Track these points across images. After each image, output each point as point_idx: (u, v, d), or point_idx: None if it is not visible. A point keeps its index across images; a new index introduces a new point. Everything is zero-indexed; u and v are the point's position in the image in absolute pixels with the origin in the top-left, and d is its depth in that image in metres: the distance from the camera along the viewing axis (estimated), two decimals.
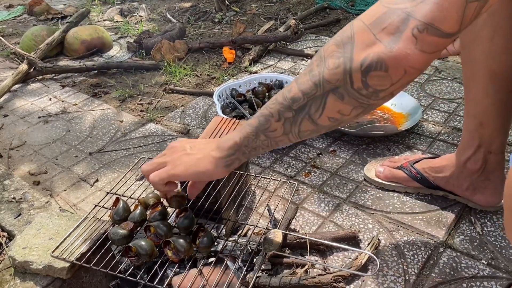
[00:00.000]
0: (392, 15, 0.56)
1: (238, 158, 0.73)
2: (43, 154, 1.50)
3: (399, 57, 0.55)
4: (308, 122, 0.64)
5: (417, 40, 0.54)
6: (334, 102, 0.61)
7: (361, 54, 0.56)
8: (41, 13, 2.98)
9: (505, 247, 1.03)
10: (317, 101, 0.62)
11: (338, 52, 0.58)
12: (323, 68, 0.60)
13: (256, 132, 0.69)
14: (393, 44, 0.55)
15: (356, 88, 0.58)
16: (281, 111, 0.65)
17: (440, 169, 1.13)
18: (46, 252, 0.85)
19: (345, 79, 0.58)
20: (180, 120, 1.65)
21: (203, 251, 0.83)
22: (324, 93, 0.60)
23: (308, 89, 0.61)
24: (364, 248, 1.04)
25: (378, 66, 0.56)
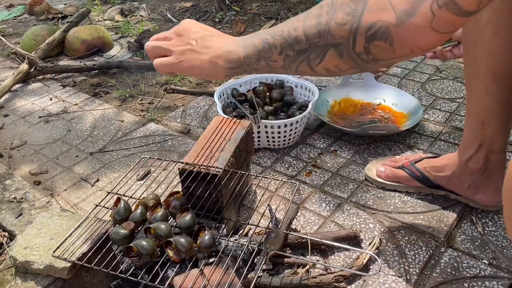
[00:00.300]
0: None
1: (240, 72, 0.73)
2: (44, 154, 1.50)
3: (408, 35, 0.51)
4: (306, 66, 0.64)
5: (434, 17, 0.50)
6: (333, 57, 0.59)
7: (369, 18, 0.53)
8: (41, 13, 2.98)
9: (506, 247, 1.02)
10: (317, 51, 0.60)
11: (349, 6, 0.55)
12: (331, 20, 0.57)
13: (258, 56, 0.68)
14: (406, 17, 0.50)
15: (357, 51, 0.56)
16: (283, 46, 0.64)
17: (441, 169, 1.13)
18: (47, 252, 0.85)
19: (348, 39, 0.56)
20: (181, 119, 1.65)
21: (204, 251, 0.83)
22: (325, 45, 0.59)
23: (312, 35, 0.60)
24: (365, 248, 1.04)
25: (384, 37, 0.52)
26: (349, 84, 1.62)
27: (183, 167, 1.00)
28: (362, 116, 1.55)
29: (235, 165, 1.05)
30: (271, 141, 1.39)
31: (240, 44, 0.71)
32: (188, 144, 1.50)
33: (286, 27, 0.64)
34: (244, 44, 0.70)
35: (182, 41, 0.75)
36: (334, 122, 1.50)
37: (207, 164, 1.00)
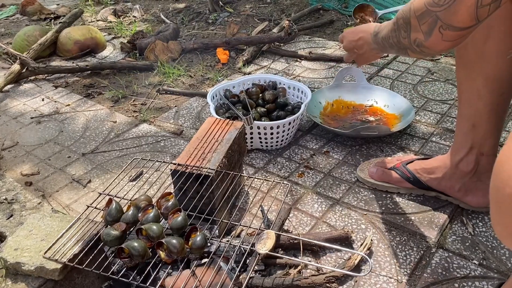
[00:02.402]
0: (428, 15, 0.80)
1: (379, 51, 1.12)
2: (36, 154, 1.49)
3: (432, 45, 0.83)
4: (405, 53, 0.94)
5: (442, 35, 0.80)
6: (410, 53, 0.91)
7: (413, 36, 0.85)
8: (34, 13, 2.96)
9: (496, 247, 1.03)
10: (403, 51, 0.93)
11: (404, 27, 0.87)
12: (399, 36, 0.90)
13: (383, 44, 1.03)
14: (428, 36, 0.82)
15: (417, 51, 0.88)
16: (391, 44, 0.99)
17: (433, 170, 1.14)
18: (38, 253, 0.84)
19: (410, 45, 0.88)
20: (173, 120, 1.65)
21: (195, 252, 0.83)
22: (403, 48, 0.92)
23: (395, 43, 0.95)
24: (357, 248, 1.04)
25: (421, 45, 0.85)
26: (342, 86, 1.63)
27: (175, 168, 1.00)
28: (354, 117, 1.56)
29: (227, 166, 1.05)
30: (263, 142, 1.39)
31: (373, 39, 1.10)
32: (180, 145, 1.50)
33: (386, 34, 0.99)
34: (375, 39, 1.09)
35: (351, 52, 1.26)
36: (326, 123, 1.51)
37: (200, 165, 1.00)
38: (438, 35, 0.80)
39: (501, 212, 0.55)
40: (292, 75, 1.94)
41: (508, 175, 0.52)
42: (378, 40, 1.04)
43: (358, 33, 1.18)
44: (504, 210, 0.54)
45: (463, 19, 0.76)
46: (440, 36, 0.80)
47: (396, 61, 2.00)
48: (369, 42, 1.12)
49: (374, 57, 1.26)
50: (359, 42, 1.18)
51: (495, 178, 0.54)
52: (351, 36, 1.21)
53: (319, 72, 1.96)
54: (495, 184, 0.54)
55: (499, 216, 0.56)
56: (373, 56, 1.24)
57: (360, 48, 1.19)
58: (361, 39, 1.17)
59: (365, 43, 1.15)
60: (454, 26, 0.77)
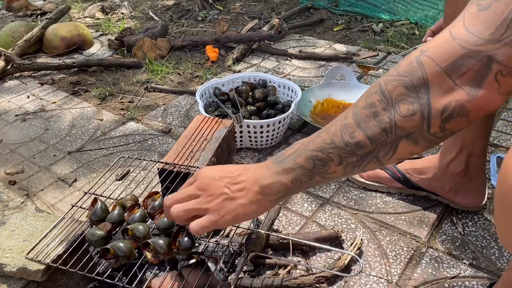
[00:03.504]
0: (472, 59, 0.52)
1: (287, 196, 0.69)
2: (20, 153, 1.46)
3: (481, 104, 0.54)
4: (374, 164, 0.61)
5: (499, 85, 0.52)
6: (406, 146, 0.58)
7: (440, 101, 0.54)
8: (19, 9, 2.91)
9: (486, 247, 1.03)
10: (386, 147, 0.59)
11: (410, 96, 0.55)
12: (394, 114, 0.56)
13: (310, 174, 0.64)
14: (475, 92, 0.53)
15: (433, 133, 0.56)
16: (343, 156, 0.61)
17: (423, 171, 1.13)
18: (20, 254, 0.82)
19: (421, 125, 0.56)
20: (162, 119, 1.63)
21: (183, 253, 0.81)
22: (395, 139, 0.58)
23: (376, 136, 0.58)
24: (347, 248, 1.03)
25: (461, 113, 0.54)
26: (332, 85, 1.62)
27: (163, 167, 0.98)
28: None
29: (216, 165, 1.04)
30: (253, 141, 1.38)
31: (277, 171, 0.66)
32: (168, 143, 1.48)
33: (336, 137, 0.61)
34: (285, 169, 0.66)
35: (213, 195, 0.69)
36: (316, 122, 1.50)
37: (188, 164, 0.98)
38: (493, 87, 0.53)
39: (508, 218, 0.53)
40: (282, 74, 1.93)
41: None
42: (299, 161, 0.64)
43: (230, 167, 0.72)
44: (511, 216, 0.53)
45: None
46: (496, 87, 0.53)
47: (386, 60, 2.00)
48: (257, 178, 0.67)
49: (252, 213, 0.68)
50: (238, 178, 0.69)
51: (502, 183, 0.52)
52: (217, 171, 0.71)
53: (309, 71, 1.95)
54: (502, 190, 0.52)
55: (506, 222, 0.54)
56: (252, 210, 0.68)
57: (237, 188, 0.68)
58: (242, 175, 0.69)
59: (247, 181, 0.68)
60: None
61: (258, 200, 0.67)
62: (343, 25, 2.43)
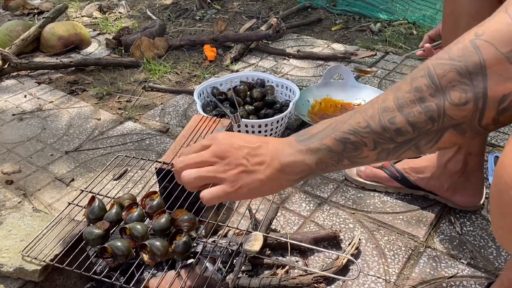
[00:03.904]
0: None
1: (307, 178, 0.63)
2: (17, 152, 1.46)
3: None
4: (412, 152, 0.56)
5: None
6: (451, 136, 0.53)
7: (498, 90, 0.48)
8: (16, 8, 2.90)
9: (483, 247, 1.03)
10: (430, 135, 0.54)
11: (464, 84, 0.49)
12: (443, 102, 0.51)
13: (339, 157, 0.59)
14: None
15: (484, 124, 0.51)
16: (378, 141, 0.56)
17: (421, 170, 1.13)
18: (17, 254, 0.81)
19: (473, 116, 0.50)
20: (159, 118, 1.63)
21: (179, 256, 0.80)
22: (442, 128, 0.53)
23: (421, 123, 0.53)
24: (345, 248, 1.03)
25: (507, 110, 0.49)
26: (330, 84, 1.62)
27: (161, 167, 0.98)
28: None
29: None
30: None
31: (300, 150, 0.60)
32: (166, 143, 1.47)
33: (373, 121, 0.56)
34: (309, 149, 0.59)
35: (230, 164, 0.63)
36: (314, 122, 1.50)
37: None
38: None
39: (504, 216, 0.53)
40: (280, 73, 1.93)
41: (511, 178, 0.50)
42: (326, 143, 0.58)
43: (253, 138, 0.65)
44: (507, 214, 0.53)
45: None
46: None
47: (384, 60, 2.00)
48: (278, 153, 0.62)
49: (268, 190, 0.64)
50: (258, 151, 0.63)
51: (498, 180, 0.52)
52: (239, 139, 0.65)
53: (307, 70, 1.95)
54: (498, 187, 0.52)
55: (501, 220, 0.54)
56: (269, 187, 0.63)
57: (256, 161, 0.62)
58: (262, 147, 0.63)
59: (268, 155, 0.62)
60: None
61: (276, 177, 0.62)
62: (341, 25, 2.43)
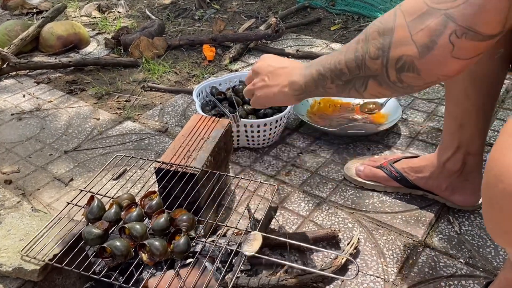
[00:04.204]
0: (431, 16, 0.54)
1: (305, 96, 0.83)
2: (16, 152, 1.46)
3: (432, 65, 0.55)
4: (355, 92, 0.70)
5: (454, 47, 0.53)
6: (374, 85, 0.65)
7: (396, 53, 0.58)
8: (15, 8, 2.89)
9: (482, 246, 1.03)
10: (360, 80, 0.67)
11: (378, 41, 0.60)
12: (366, 53, 0.63)
13: (316, 84, 0.77)
14: (427, 50, 0.55)
15: (392, 81, 0.62)
16: (333, 77, 0.72)
17: (420, 169, 1.14)
18: (16, 253, 0.81)
19: (382, 71, 0.61)
20: (158, 118, 1.63)
21: (177, 256, 0.81)
22: (365, 76, 0.65)
23: (352, 68, 0.66)
24: (344, 247, 1.03)
25: (411, 69, 0.57)
26: None
27: (160, 166, 0.98)
28: (341, 116, 1.55)
29: (213, 165, 1.03)
30: (250, 141, 1.38)
31: (302, 74, 0.80)
32: (165, 143, 1.47)
33: (333, 59, 0.72)
34: (305, 74, 0.79)
35: (258, 79, 0.90)
36: (313, 121, 1.50)
37: (185, 164, 0.98)
38: (446, 48, 0.53)
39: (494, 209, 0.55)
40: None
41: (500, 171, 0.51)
42: (312, 70, 0.77)
43: (284, 61, 0.89)
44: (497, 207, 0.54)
45: (490, 20, 0.52)
46: (449, 49, 0.53)
47: None
48: (292, 74, 0.83)
49: (286, 99, 0.86)
50: (278, 71, 0.86)
51: (488, 174, 0.54)
52: (273, 60, 0.90)
53: None
54: (488, 181, 0.54)
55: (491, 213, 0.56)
56: (284, 97, 0.85)
57: (275, 78, 0.86)
58: (284, 68, 0.86)
59: (285, 74, 0.85)
60: (476, 31, 0.52)
61: (284, 93, 0.84)
62: (340, 25, 2.43)
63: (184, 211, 0.87)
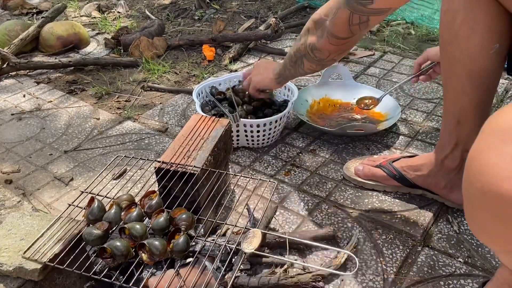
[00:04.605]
0: (322, 22, 1.03)
1: (282, 80, 1.30)
2: (16, 152, 1.46)
3: (321, 46, 1.05)
4: (300, 70, 1.18)
5: (329, 39, 1.02)
6: (308, 63, 1.13)
7: (310, 39, 1.07)
8: (15, 8, 2.89)
9: (481, 245, 1.04)
10: (299, 60, 1.14)
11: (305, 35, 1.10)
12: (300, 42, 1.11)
13: (284, 69, 1.25)
14: (320, 39, 1.04)
15: (312, 56, 1.09)
16: (290, 62, 1.19)
17: (419, 168, 1.14)
18: (17, 253, 0.82)
19: (306, 51, 1.09)
20: (158, 118, 1.63)
21: (177, 255, 0.81)
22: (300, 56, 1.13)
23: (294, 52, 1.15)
24: (343, 247, 1.04)
25: (314, 48, 1.06)
26: (328, 84, 1.63)
27: (160, 166, 0.98)
28: (340, 115, 1.56)
29: (213, 164, 1.04)
30: (250, 140, 1.38)
31: (279, 65, 1.28)
32: (165, 142, 1.48)
33: (291, 49, 1.17)
34: (280, 64, 1.28)
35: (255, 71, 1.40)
36: (313, 121, 1.50)
37: (185, 163, 0.98)
38: (326, 39, 1.01)
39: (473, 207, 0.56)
40: None
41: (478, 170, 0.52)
42: (284, 61, 1.22)
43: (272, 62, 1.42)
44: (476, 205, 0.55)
45: (340, 31, 0.98)
46: (328, 40, 1.01)
47: (382, 59, 2.00)
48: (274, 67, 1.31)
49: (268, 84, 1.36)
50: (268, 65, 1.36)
51: (466, 173, 0.55)
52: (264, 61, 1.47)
53: None
54: (466, 179, 0.55)
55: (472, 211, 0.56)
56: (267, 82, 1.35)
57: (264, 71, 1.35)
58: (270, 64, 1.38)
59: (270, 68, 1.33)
60: (335, 35, 1.00)
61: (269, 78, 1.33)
62: None
63: (184, 210, 0.88)
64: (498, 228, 0.54)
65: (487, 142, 0.53)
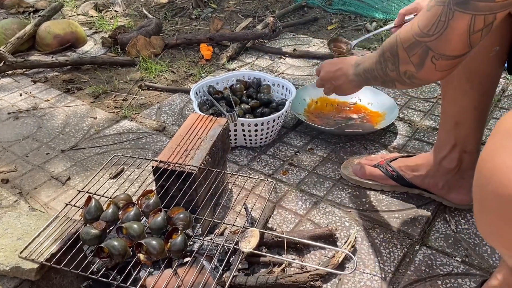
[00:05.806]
0: (417, 46, 0.78)
1: (361, 84, 1.07)
2: (13, 151, 1.45)
3: (425, 76, 0.82)
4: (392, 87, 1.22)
5: (435, 65, 0.78)
6: (398, 84, 0.90)
7: (402, 68, 0.84)
8: (12, 6, 2.88)
9: (478, 245, 1.04)
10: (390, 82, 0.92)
11: (392, 60, 0.86)
12: (386, 68, 0.89)
13: (365, 82, 1.03)
14: (420, 68, 0.80)
15: (406, 82, 0.87)
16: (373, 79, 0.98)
17: (416, 168, 1.14)
18: (13, 253, 0.81)
19: (398, 77, 0.87)
20: (156, 117, 1.62)
21: (175, 254, 0.81)
22: (391, 80, 0.90)
23: (381, 75, 0.92)
24: (341, 246, 1.04)
25: (413, 77, 0.84)
26: None
27: (157, 165, 0.98)
28: (338, 115, 1.56)
29: (211, 163, 1.04)
30: (248, 140, 1.38)
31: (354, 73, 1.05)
32: (163, 142, 1.47)
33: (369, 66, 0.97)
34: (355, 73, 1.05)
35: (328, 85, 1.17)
36: (310, 120, 1.50)
37: (182, 162, 0.98)
38: (430, 66, 0.78)
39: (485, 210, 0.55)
40: (276, 72, 1.93)
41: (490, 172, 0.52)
42: (359, 71, 1.01)
43: (338, 64, 1.11)
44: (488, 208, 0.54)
45: (456, 47, 0.74)
46: (433, 67, 0.78)
47: None
48: (348, 73, 1.06)
49: (352, 90, 1.11)
50: (337, 73, 1.10)
51: (478, 176, 0.54)
52: (329, 67, 1.14)
53: (303, 69, 1.95)
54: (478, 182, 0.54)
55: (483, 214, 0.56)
56: (350, 89, 1.11)
57: (337, 80, 1.11)
58: (339, 70, 1.10)
59: (343, 75, 1.08)
60: (447, 55, 0.75)
61: (348, 87, 1.10)
62: (337, 24, 2.43)
63: (181, 209, 0.87)
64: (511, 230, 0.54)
65: (499, 145, 0.53)
